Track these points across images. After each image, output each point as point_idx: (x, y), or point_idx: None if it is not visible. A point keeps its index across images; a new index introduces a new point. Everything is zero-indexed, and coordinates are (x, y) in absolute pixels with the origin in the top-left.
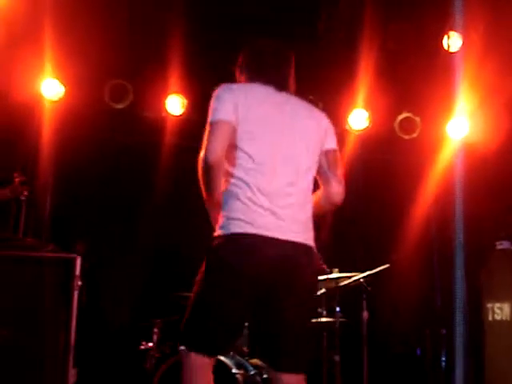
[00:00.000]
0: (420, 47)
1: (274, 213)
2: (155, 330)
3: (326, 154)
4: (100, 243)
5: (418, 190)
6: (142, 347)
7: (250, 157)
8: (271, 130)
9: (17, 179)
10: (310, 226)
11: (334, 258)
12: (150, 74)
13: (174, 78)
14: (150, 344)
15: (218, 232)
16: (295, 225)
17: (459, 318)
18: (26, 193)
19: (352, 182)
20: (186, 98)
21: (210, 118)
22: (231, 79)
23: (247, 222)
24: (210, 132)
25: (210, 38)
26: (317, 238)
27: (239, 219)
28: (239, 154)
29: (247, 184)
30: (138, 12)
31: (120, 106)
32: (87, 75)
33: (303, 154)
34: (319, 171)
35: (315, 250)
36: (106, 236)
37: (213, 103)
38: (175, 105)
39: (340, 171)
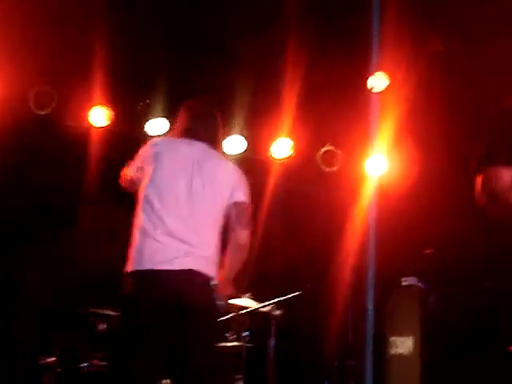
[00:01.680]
0: (345, 82)
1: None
2: (56, 344)
3: (235, 205)
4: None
5: (337, 222)
6: (42, 362)
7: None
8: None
9: None
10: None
11: (251, 285)
12: (76, 82)
13: (99, 88)
14: (52, 359)
15: None
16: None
17: (369, 351)
18: None
19: (273, 211)
20: (112, 110)
21: None
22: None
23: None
24: None
25: (138, 51)
26: None
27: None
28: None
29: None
30: (66, 19)
31: (43, 113)
32: (12, 80)
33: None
34: (229, 221)
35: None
36: (13, 244)
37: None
38: (99, 116)
39: (245, 220)
